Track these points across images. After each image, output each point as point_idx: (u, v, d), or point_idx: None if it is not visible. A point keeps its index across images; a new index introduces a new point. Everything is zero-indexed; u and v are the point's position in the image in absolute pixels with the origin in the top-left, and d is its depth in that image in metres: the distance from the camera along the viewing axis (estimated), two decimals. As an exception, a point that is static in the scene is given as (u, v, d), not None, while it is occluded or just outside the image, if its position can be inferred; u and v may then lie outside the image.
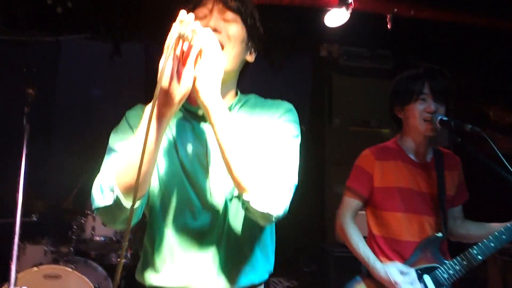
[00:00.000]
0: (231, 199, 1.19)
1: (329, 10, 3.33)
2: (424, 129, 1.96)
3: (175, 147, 1.21)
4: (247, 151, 1.03)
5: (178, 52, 0.97)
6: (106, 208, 1.04)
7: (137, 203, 1.05)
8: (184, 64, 0.98)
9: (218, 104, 1.02)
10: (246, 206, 1.05)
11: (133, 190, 0.92)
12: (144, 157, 0.91)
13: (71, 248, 3.22)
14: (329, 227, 3.89)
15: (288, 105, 1.29)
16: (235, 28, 1.20)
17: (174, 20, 0.96)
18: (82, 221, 3.30)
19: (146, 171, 1.01)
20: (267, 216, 1.04)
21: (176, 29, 0.94)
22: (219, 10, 1.19)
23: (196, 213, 1.18)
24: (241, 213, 1.18)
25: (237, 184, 1.04)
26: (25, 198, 2.16)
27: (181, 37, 0.94)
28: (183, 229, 1.18)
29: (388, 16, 3.33)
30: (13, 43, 4.11)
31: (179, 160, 1.20)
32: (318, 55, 4.70)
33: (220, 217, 1.19)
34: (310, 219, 4.42)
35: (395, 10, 3.30)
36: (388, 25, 3.34)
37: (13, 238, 2.04)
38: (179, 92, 0.98)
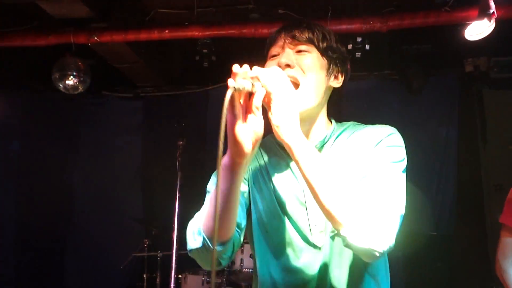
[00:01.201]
0: (333, 237, 1.14)
1: (469, 23, 3.08)
2: None
3: (271, 186, 1.21)
4: (336, 184, 0.97)
5: (237, 105, 0.95)
6: (197, 250, 1.06)
7: (225, 247, 1.05)
8: (248, 112, 0.95)
9: (298, 140, 0.97)
10: (345, 242, 0.99)
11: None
12: (220, 206, 0.94)
13: (224, 279, 3.48)
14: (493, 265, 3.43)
15: (388, 129, 1.18)
16: (309, 59, 1.15)
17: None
18: (232, 254, 3.54)
19: (226, 218, 1.02)
20: (369, 252, 0.97)
21: (230, 83, 0.91)
22: (290, 44, 1.16)
23: (298, 252, 1.16)
24: (347, 251, 1.11)
25: (332, 220, 0.99)
26: (183, 233, 2.48)
27: (236, 91, 0.92)
28: (286, 269, 1.17)
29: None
30: (171, 97, 4.79)
31: (276, 199, 1.19)
32: (463, 71, 4.34)
33: (323, 255, 1.15)
34: (469, 252, 3.96)
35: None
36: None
37: (171, 268, 2.35)
38: (249, 141, 0.95)
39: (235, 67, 0.95)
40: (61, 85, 3.56)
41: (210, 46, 3.56)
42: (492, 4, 2.64)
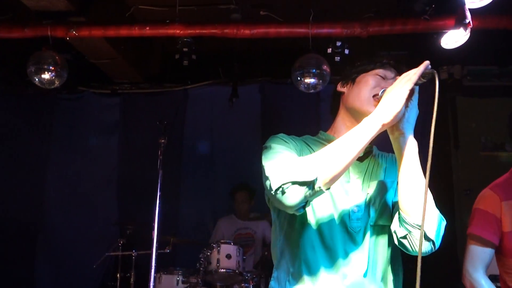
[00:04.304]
0: (372, 226, 1.28)
1: (446, 32, 3.17)
2: None
3: None
4: (422, 182, 1.15)
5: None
6: (304, 183, 1.10)
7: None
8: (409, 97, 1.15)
9: (414, 140, 1.20)
10: (410, 232, 1.16)
11: (332, 178, 1.11)
12: (353, 155, 1.12)
13: (199, 280, 3.46)
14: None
15: None
16: None
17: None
18: (208, 254, 3.54)
19: (348, 164, 1.13)
20: (430, 245, 1.16)
21: (423, 69, 1.13)
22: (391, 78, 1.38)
23: (334, 234, 1.27)
24: (381, 241, 1.29)
25: (416, 211, 1.16)
26: (160, 233, 2.47)
27: (423, 75, 1.13)
28: (322, 248, 1.27)
29: (515, 30, 3.04)
30: (149, 94, 4.74)
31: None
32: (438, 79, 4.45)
33: (358, 242, 1.27)
34: (439, 254, 4.06)
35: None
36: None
37: (150, 266, 2.33)
38: (397, 114, 1.12)
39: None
40: (36, 79, 3.47)
41: (191, 45, 3.54)
42: (468, 14, 2.73)
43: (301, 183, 1.09)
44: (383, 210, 1.28)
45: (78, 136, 4.73)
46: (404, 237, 1.18)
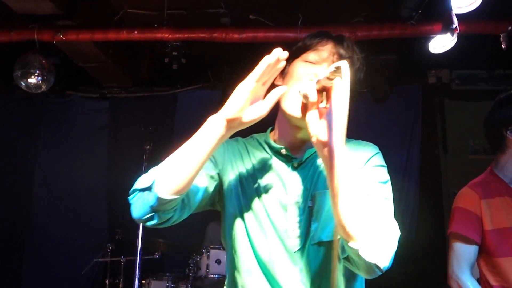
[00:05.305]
0: (313, 244, 1.12)
1: (433, 37, 3.19)
2: None
3: (254, 184, 1.20)
4: (358, 199, 0.95)
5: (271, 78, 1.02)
6: (143, 189, 1.04)
7: (171, 201, 1.01)
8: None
9: (344, 149, 0.92)
10: (349, 255, 0.98)
11: (174, 183, 0.98)
12: (191, 159, 0.99)
13: (189, 285, 3.44)
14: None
15: (373, 148, 1.20)
16: None
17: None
18: (198, 259, 3.51)
19: (187, 173, 1.00)
20: (373, 268, 0.95)
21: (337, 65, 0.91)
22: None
23: (272, 252, 1.14)
24: (322, 259, 1.12)
25: (346, 232, 0.94)
26: (147, 238, 2.44)
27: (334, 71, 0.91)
28: (259, 266, 1.16)
29: (502, 35, 3.07)
30: (138, 98, 4.71)
31: (258, 198, 1.18)
32: (426, 82, 4.49)
33: (297, 260, 1.13)
34: (430, 256, 4.09)
35: (510, 28, 3.03)
36: (503, 45, 3.07)
37: (135, 272, 2.30)
38: (250, 115, 1.01)
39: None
40: (23, 83, 3.43)
41: (180, 48, 3.53)
42: (455, 19, 2.75)
43: (141, 190, 1.02)
44: (327, 223, 1.11)
45: (66, 140, 4.67)
46: (346, 258, 1.01)
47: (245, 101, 0.99)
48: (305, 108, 1.01)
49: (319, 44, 1.14)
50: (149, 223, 1.05)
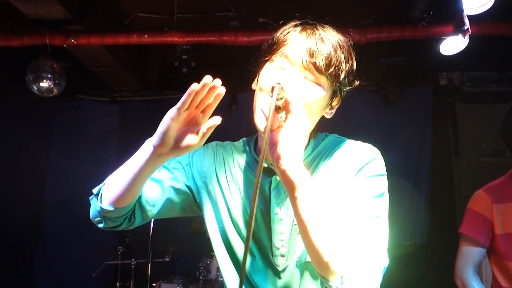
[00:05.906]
0: (297, 265, 1.07)
1: (444, 38, 3.16)
2: None
3: (240, 200, 1.14)
4: (331, 228, 0.86)
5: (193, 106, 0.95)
6: (95, 195, 1.15)
7: (114, 212, 1.08)
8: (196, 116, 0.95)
9: (301, 176, 0.86)
10: None
11: (111, 197, 1.04)
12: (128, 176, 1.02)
13: (199, 288, 3.44)
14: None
15: (370, 153, 1.06)
16: (315, 96, 1.04)
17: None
18: (208, 262, 3.51)
19: (123, 183, 1.04)
20: None
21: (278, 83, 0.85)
22: (304, 70, 1.04)
23: (256, 271, 1.10)
24: (308, 280, 1.06)
25: (321, 268, 0.87)
26: (159, 241, 2.45)
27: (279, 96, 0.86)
28: (245, 284, 1.11)
29: (514, 36, 3.04)
30: (148, 102, 4.73)
31: (243, 214, 1.13)
32: (438, 84, 4.45)
33: (282, 280, 1.08)
34: (442, 260, 4.04)
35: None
36: (515, 46, 3.04)
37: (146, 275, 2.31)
38: (183, 143, 0.96)
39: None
40: (35, 87, 3.46)
41: (190, 52, 3.54)
42: (466, 21, 2.72)
43: (95, 195, 1.12)
44: None
45: (77, 144, 4.71)
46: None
47: (171, 130, 0.94)
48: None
49: (286, 47, 1.04)
50: (99, 226, 1.14)
